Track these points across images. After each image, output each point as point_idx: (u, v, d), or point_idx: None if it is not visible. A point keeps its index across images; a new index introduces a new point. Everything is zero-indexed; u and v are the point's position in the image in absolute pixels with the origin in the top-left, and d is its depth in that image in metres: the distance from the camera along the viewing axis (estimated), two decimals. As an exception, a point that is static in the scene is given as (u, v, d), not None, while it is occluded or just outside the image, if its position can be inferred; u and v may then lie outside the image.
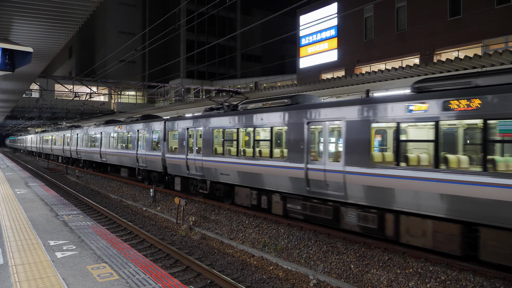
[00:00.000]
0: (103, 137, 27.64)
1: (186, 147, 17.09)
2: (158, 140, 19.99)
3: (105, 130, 27.36)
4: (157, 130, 19.86)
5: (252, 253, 11.03)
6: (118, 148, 24.88)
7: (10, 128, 79.72)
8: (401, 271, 8.64)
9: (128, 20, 71.95)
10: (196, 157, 16.43)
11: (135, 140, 22.09)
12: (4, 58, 7.14)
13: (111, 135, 26.14)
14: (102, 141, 27.69)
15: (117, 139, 25.10)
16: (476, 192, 7.66)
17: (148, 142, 20.58)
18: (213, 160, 15.45)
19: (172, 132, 18.79)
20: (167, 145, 18.82)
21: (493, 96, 7.51)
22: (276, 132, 13.44)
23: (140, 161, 21.60)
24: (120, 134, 24.75)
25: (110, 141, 26.21)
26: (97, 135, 29.04)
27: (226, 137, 15.15)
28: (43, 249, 7.62)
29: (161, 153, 19.20)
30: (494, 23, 23.75)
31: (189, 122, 17.25)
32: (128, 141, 23.41)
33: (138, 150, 21.69)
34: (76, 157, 35.34)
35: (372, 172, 9.44)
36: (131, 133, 22.83)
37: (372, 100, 9.84)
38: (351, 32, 33.72)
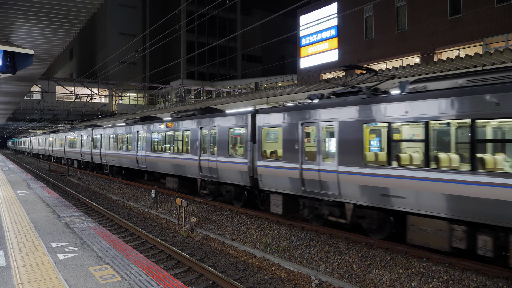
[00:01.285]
0: (140, 138, 22.35)
1: (318, 152, 11.21)
2: (240, 141, 15.23)
3: (144, 129, 22.02)
4: (239, 127, 14.65)
5: (254, 254, 11.03)
6: (165, 152, 19.58)
7: (11, 130, 79.79)
8: (403, 271, 8.62)
9: (129, 22, 72.02)
10: (340, 168, 10.51)
11: (196, 141, 16.69)
12: (5, 61, 7.14)
13: (154, 135, 20.93)
14: (138, 143, 22.53)
15: (164, 140, 19.89)
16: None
17: (222, 144, 15.18)
18: (390, 175, 9.38)
19: (267, 130, 13.56)
20: (259, 149, 13.27)
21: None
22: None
23: (205, 170, 16.15)
24: (169, 134, 19.41)
25: (151, 142, 21.04)
26: (130, 135, 23.72)
27: (407, 137, 10.25)
28: (45, 251, 7.63)
29: (248, 159, 13.74)
30: (494, 22, 23.72)
31: (322, 113, 11.15)
32: (183, 142, 18.17)
33: (200, 155, 16.33)
34: (100, 162, 29.47)
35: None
36: (189, 132, 17.36)
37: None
38: (351, 32, 33.71)
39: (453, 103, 8.22)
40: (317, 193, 11.25)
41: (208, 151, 16.13)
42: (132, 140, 23.47)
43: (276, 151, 13.56)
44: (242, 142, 14.88)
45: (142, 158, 21.93)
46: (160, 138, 20.57)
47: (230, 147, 15.06)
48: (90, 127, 32.70)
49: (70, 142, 37.81)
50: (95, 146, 29.89)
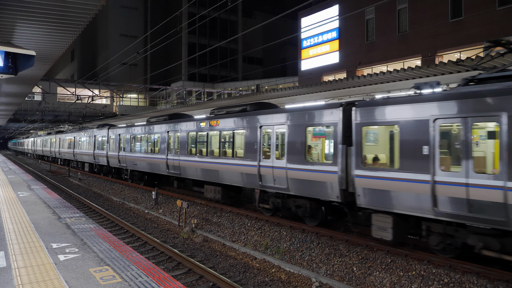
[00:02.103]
0: (172, 139, 19.05)
1: (466, 157, 8.11)
2: (323, 143, 12.03)
3: (177, 129, 18.57)
4: (322, 125, 11.34)
5: (254, 256, 11.02)
6: (207, 156, 16.15)
7: (12, 131, 79.88)
8: (404, 273, 8.61)
9: (130, 23, 72.20)
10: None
11: (254, 143, 13.58)
12: (7, 62, 7.16)
13: (191, 135, 17.56)
14: (170, 145, 19.15)
15: (206, 142, 16.43)
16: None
17: (295, 147, 11.94)
18: None
19: (371, 129, 10.42)
20: (358, 153, 10.06)
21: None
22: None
23: (267, 179, 12.91)
24: (213, 134, 16.32)
25: (187, 144, 17.64)
26: (158, 135, 20.25)
27: None
28: (46, 252, 7.63)
29: (339, 167, 10.56)
30: (495, 25, 23.75)
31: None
32: (233, 145, 14.86)
33: (261, 160, 13.28)
34: (117, 166, 25.88)
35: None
36: (244, 132, 14.26)
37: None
38: (353, 34, 33.76)
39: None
40: (460, 216, 8.09)
41: (272, 155, 12.79)
42: (161, 141, 19.85)
43: (387, 156, 10.25)
44: (327, 145, 11.64)
45: (175, 162, 18.38)
46: (200, 139, 16.99)
47: (307, 151, 11.75)
48: (105, 126, 29.53)
49: (80, 143, 34.05)
50: (112, 148, 26.34)
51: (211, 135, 16.47)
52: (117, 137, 25.45)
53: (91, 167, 32.51)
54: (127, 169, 25.09)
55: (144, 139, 22.24)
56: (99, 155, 28.96)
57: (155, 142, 20.83)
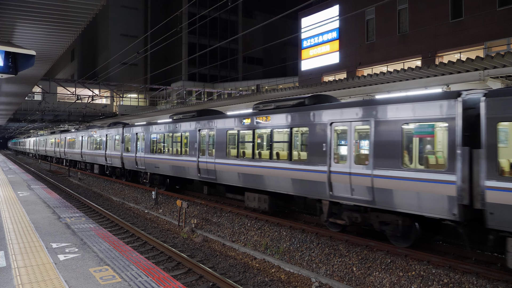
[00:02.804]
0: (202, 138, 16.35)
1: None
2: (430, 144, 9.65)
3: (211, 127, 15.79)
4: (429, 121, 8.84)
5: (254, 256, 11.02)
6: (254, 159, 13.46)
7: (12, 131, 79.87)
8: (403, 273, 8.61)
9: (130, 23, 72.21)
10: None
11: (322, 143, 11.02)
12: (7, 61, 7.16)
13: (231, 133, 15.06)
14: (201, 145, 16.40)
15: (253, 142, 13.62)
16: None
17: (385, 149, 9.53)
18: None
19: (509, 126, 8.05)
20: (492, 158, 7.71)
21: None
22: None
23: (341, 189, 10.52)
24: (260, 133, 14.33)
25: (225, 145, 14.90)
26: (187, 134, 17.46)
27: None
28: (46, 252, 7.63)
29: (457, 175, 8.14)
30: (496, 25, 23.75)
31: None
32: (291, 146, 12.22)
33: (331, 165, 10.79)
34: (134, 169, 22.78)
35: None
36: (306, 131, 11.76)
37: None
38: (353, 34, 33.77)
39: None
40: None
41: (349, 159, 10.29)
42: (190, 141, 17.14)
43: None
44: (440, 147, 9.17)
45: (209, 166, 15.66)
46: (244, 138, 14.66)
47: (405, 154, 9.33)
48: (117, 125, 26.80)
49: (89, 144, 31.33)
50: (128, 148, 23.65)
51: (259, 134, 14.30)
52: (134, 137, 22.61)
53: (101, 169, 29.61)
54: (146, 172, 21.94)
55: (168, 139, 19.49)
56: (111, 156, 26.12)
57: (182, 142, 18.04)
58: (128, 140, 23.90)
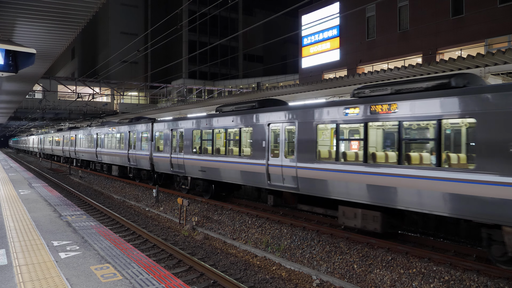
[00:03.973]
0: (276, 136, 12.97)
1: None
2: None
3: (291, 120, 12.15)
4: None
5: (255, 253, 11.03)
6: (367, 163, 10.02)
7: (13, 129, 79.95)
8: (404, 271, 8.62)
9: (130, 21, 72.16)
10: None
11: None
12: (7, 60, 7.16)
13: (324, 129, 12.38)
14: (269, 145, 12.97)
15: (365, 141, 10.16)
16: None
17: None
18: None
19: None
20: None
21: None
22: None
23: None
24: (379, 127, 11.60)
25: (314, 145, 11.30)
26: (247, 130, 15.44)
27: None
28: (47, 250, 7.64)
29: None
30: (497, 22, 23.70)
31: None
32: (439, 146, 8.74)
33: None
34: (170, 172, 19.04)
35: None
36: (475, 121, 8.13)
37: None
38: (353, 31, 33.71)
39: None
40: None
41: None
42: (255, 140, 13.54)
43: None
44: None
45: (287, 172, 12.08)
46: (346, 135, 12.37)
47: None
48: (141, 120, 23.73)
49: (106, 142, 27.81)
50: (160, 148, 20.32)
51: (377, 129, 11.27)
52: (169, 134, 18.91)
53: (122, 171, 26.01)
54: (186, 177, 18.10)
55: (220, 136, 16.43)
56: (137, 156, 22.34)
57: (243, 140, 14.83)
58: (160, 137, 20.36)
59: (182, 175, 18.10)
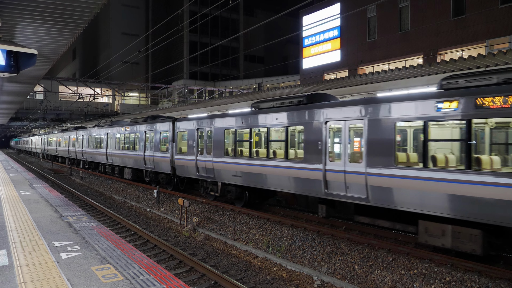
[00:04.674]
0: (339, 137, 11.20)
1: None
2: None
3: (375, 115, 9.76)
4: None
5: (256, 254, 11.03)
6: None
7: (14, 130, 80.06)
8: (405, 272, 8.61)
9: (131, 22, 72.25)
10: None
11: None
12: (8, 60, 7.18)
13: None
14: (329, 147, 11.25)
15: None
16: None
17: None
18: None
19: None
20: None
21: None
22: None
23: None
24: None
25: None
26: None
27: None
28: (48, 250, 7.65)
29: None
30: (498, 23, 23.68)
31: None
32: None
33: None
34: (196, 177, 17.16)
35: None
36: None
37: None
38: (354, 32, 33.71)
39: None
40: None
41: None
42: (306, 141, 11.62)
43: None
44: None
45: (352, 179, 10.26)
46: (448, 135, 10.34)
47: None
48: (159, 118, 21.76)
49: (118, 142, 25.90)
50: (182, 149, 18.27)
51: (485, 127, 9.14)
52: (194, 134, 16.95)
53: (135, 174, 24.16)
54: (215, 182, 16.22)
55: (258, 136, 14.83)
56: (155, 159, 20.50)
57: (289, 141, 12.81)
58: (183, 138, 18.49)
59: (211, 180, 16.11)
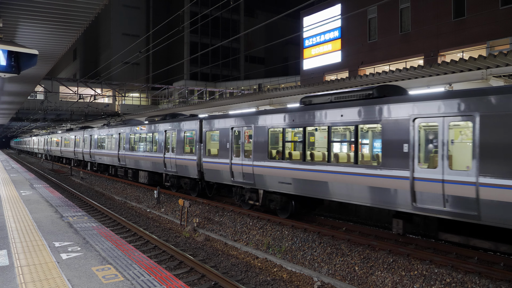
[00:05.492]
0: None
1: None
2: None
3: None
4: None
5: (256, 255, 11.03)
6: None
7: (15, 130, 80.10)
8: (406, 273, 8.60)
9: (132, 23, 72.29)
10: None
11: None
12: (9, 61, 7.18)
13: None
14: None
15: None
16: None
17: None
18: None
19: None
20: None
21: None
22: None
23: None
24: None
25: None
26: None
27: None
28: (48, 251, 7.65)
29: None
30: (498, 24, 23.69)
31: None
32: None
33: None
34: (229, 183, 15.07)
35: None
36: None
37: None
38: (355, 33, 33.72)
39: None
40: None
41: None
42: (387, 142, 9.57)
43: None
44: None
45: (464, 191, 8.13)
46: None
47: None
48: (180, 117, 20.04)
49: (132, 143, 23.90)
50: (212, 151, 16.39)
51: None
52: (229, 134, 14.87)
53: (152, 178, 22.10)
54: (255, 190, 14.09)
55: (314, 138, 13.06)
56: (177, 161, 18.35)
57: (372, 144, 11.21)
58: (212, 138, 16.66)
59: (250, 187, 14.03)
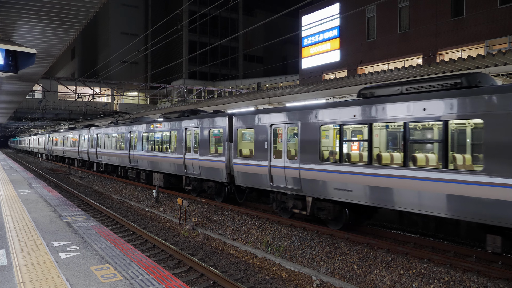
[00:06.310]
0: None
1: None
2: None
3: None
4: None
5: (255, 254, 11.03)
6: None
7: (13, 129, 79.95)
8: (404, 271, 8.62)
9: (131, 22, 72.20)
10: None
11: None
12: (7, 60, 7.16)
13: None
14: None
15: None
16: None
17: None
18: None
19: None
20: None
21: None
22: None
23: None
24: None
25: None
26: None
27: None
28: (47, 250, 7.64)
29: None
30: (497, 23, 23.72)
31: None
32: None
33: None
34: (269, 189, 13.08)
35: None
36: None
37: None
38: (354, 32, 33.73)
39: None
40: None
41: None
42: (490, 142, 7.58)
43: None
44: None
45: None
46: None
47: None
48: (201, 113, 18.18)
49: (145, 143, 21.91)
50: (243, 152, 14.60)
51: None
52: (267, 132, 12.96)
53: (168, 181, 20.27)
54: (302, 197, 12.16)
55: (394, 135, 11.31)
56: (200, 163, 16.42)
57: (449, 143, 8.54)
58: (244, 137, 15.03)
59: (296, 193, 12.10)
